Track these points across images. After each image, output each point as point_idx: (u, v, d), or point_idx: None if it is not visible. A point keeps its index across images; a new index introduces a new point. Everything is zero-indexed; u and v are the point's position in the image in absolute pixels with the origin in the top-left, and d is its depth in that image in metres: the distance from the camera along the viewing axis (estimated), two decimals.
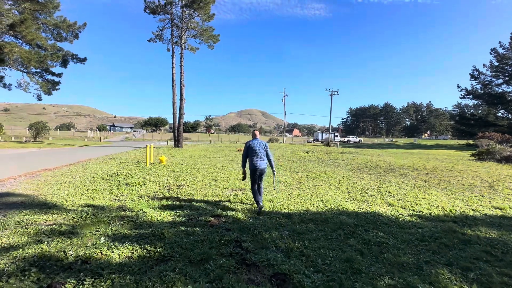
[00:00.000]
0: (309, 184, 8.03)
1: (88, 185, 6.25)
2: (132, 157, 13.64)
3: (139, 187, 6.36)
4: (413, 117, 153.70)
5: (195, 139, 56.75)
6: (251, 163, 5.01)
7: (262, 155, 5.04)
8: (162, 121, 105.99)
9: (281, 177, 9.45)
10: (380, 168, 12.80)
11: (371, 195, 6.71)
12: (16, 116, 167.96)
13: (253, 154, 5.00)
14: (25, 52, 18.14)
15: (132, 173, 8.12)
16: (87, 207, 4.58)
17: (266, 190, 6.72)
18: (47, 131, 30.21)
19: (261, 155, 5.04)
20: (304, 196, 6.26)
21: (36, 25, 19.82)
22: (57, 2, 21.00)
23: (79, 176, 7.41)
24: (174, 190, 6.23)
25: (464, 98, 51.15)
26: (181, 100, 24.18)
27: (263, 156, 5.06)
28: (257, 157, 4.99)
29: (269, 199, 5.75)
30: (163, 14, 24.74)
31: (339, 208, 5.24)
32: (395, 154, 21.76)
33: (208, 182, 7.67)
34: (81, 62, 25.41)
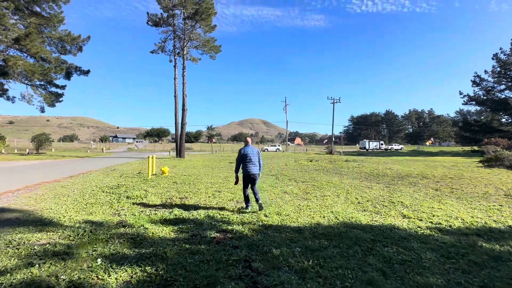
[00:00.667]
0: (316, 195, 7.72)
1: (88, 198, 6.00)
2: (133, 168, 13.41)
3: (140, 200, 6.10)
4: (415, 124, 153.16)
5: (197, 149, 56.61)
6: (244, 169, 5.34)
7: (255, 161, 5.39)
8: (165, 131, 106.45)
9: (287, 187, 9.15)
10: (387, 177, 12.45)
11: (383, 206, 6.38)
12: (21, 129, 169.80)
13: (247, 161, 5.33)
14: (29, 65, 18.32)
15: (134, 185, 7.87)
16: (85, 223, 4.32)
17: (273, 202, 6.43)
18: (49, 143, 30.21)
19: (255, 161, 5.38)
20: (313, 208, 5.95)
21: (41, 39, 20.10)
22: (61, 16, 21.39)
23: (78, 189, 7.17)
24: (176, 203, 5.96)
25: (466, 105, 50.87)
26: (183, 110, 24.15)
27: (256, 162, 5.40)
28: (251, 163, 5.33)
29: (277, 212, 5.45)
30: (165, 26, 25.08)
31: (351, 221, 4.93)
32: (400, 162, 21.38)
33: (212, 193, 7.39)
34: (85, 74, 25.68)
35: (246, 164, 5.32)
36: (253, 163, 5.36)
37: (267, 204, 6.28)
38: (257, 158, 5.42)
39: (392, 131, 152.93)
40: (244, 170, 5.36)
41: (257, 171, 5.39)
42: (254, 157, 5.39)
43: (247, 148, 5.43)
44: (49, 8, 20.84)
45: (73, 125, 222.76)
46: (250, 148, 5.46)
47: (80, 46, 23.75)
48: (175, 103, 24.68)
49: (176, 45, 25.15)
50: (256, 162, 5.40)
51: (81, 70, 25.07)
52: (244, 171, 5.35)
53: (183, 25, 24.47)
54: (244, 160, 5.35)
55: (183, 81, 24.24)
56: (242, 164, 5.38)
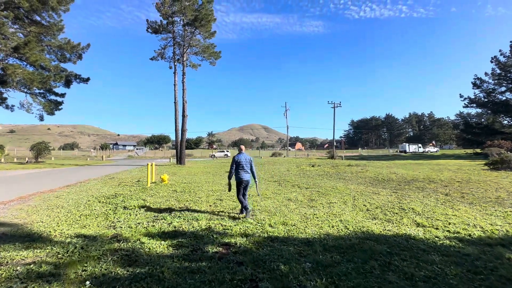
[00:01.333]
0: (322, 202, 7.39)
1: (82, 210, 5.69)
2: (133, 176, 13.11)
3: (138, 211, 5.78)
4: (416, 128, 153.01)
5: (198, 155, 56.32)
6: (237, 176, 5.54)
7: (247, 169, 5.59)
8: (165, 138, 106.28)
9: (291, 194, 8.82)
10: (393, 181, 12.12)
11: (393, 213, 6.05)
12: (22, 137, 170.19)
13: (239, 168, 5.53)
14: (28, 74, 18.20)
15: (132, 195, 7.56)
16: (77, 237, 4.01)
17: (277, 211, 6.11)
18: (48, 151, 29.95)
19: (247, 168, 5.58)
20: (320, 217, 5.62)
21: (40, 47, 20.05)
22: (61, 24, 21.41)
23: (74, 199, 6.86)
24: (176, 214, 5.64)
25: (467, 107, 50.67)
26: (184, 116, 23.96)
27: (248, 169, 5.60)
28: (243, 171, 5.53)
29: (283, 221, 5.13)
30: (165, 33, 25.12)
31: (363, 231, 4.61)
32: (404, 166, 21.03)
33: (213, 202, 7.08)
34: (84, 82, 25.56)
35: (238, 171, 5.53)
36: (245, 171, 5.56)
37: (271, 213, 5.96)
38: (249, 166, 5.62)
39: (392, 135, 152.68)
40: (236, 177, 5.56)
41: (248, 178, 5.58)
42: (247, 165, 5.59)
43: (241, 156, 5.62)
44: (49, 17, 20.86)
45: (74, 133, 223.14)
46: (244, 155, 5.65)
47: (79, 54, 23.70)
48: (175, 110, 24.51)
49: (175, 51, 25.14)
50: (248, 170, 5.61)
51: (81, 78, 24.95)
52: (237, 178, 5.55)
53: (182, 32, 24.49)
54: (237, 167, 5.56)
55: (183, 87, 24.13)
56: (235, 171, 5.58)
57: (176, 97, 24.48)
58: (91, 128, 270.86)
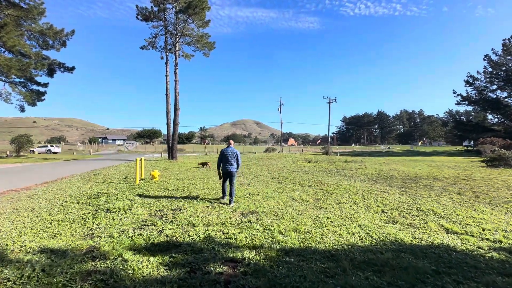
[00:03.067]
0: (331, 202, 6.71)
1: (55, 213, 4.79)
2: (120, 172, 12.12)
3: (123, 214, 4.93)
4: (406, 125, 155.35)
5: (190, 150, 55.06)
6: (223, 167, 6.18)
7: (232, 161, 6.14)
8: (156, 132, 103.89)
9: (293, 192, 8.11)
10: (397, 179, 11.60)
11: (413, 216, 5.42)
12: (5, 130, 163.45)
13: (224, 160, 6.15)
14: (5, 60, 16.72)
15: (117, 194, 6.66)
16: (41, 253, 3.14)
17: (284, 214, 5.38)
18: (31, 144, 28.26)
19: (232, 161, 6.13)
20: (335, 221, 4.92)
21: (19, 32, 18.50)
22: (42, 8, 19.78)
23: (48, 199, 5.92)
24: (168, 217, 4.82)
25: (460, 104, 51.20)
26: (176, 109, 22.85)
27: (233, 162, 6.15)
28: (228, 163, 6.11)
29: (294, 227, 4.39)
30: (156, 21, 23.74)
31: (390, 239, 3.93)
32: (401, 162, 20.72)
33: (210, 202, 6.28)
34: (69, 71, 24.03)
35: (224, 163, 6.14)
36: (230, 163, 6.11)
37: (278, 216, 5.22)
38: (234, 159, 6.18)
39: (384, 131, 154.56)
40: (222, 167, 6.20)
41: (233, 170, 6.15)
42: (232, 158, 6.14)
43: (227, 149, 6.23)
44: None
45: (61, 126, 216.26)
46: (230, 149, 6.24)
47: (63, 41, 22.13)
48: (166, 102, 23.36)
49: (167, 41, 23.84)
50: (234, 162, 6.16)
51: (65, 67, 23.40)
52: (222, 168, 6.19)
53: (175, 20, 23.21)
54: (223, 159, 6.17)
55: (175, 79, 22.95)
56: (222, 162, 6.19)
57: (168, 89, 23.32)
58: (79, 121, 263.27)
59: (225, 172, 6.16)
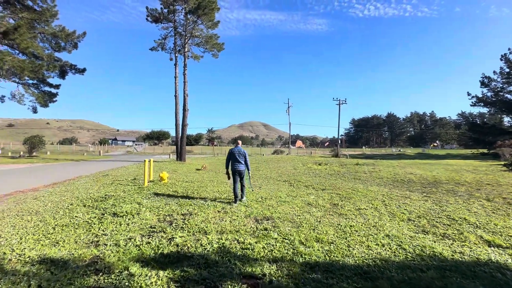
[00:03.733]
0: (350, 208, 6.26)
1: (60, 217, 4.53)
2: (129, 174, 11.95)
3: (131, 219, 4.63)
4: (417, 127, 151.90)
5: (198, 151, 55.14)
6: (232, 167, 6.24)
7: (241, 160, 6.20)
8: (164, 134, 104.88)
9: (308, 197, 7.68)
10: (415, 183, 11.00)
11: (444, 225, 4.93)
12: (20, 131, 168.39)
13: (233, 159, 6.23)
14: (18, 61, 16.93)
15: (125, 196, 6.40)
16: (40, 263, 2.85)
17: (302, 221, 4.97)
18: (43, 145, 28.65)
19: (240, 160, 6.20)
20: (359, 229, 4.48)
21: (33, 34, 18.75)
22: (55, 10, 20.06)
23: (54, 202, 5.70)
24: (178, 223, 4.49)
25: (475, 106, 49.52)
26: (184, 110, 22.72)
27: (241, 161, 6.21)
28: (237, 162, 6.20)
29: (316, 237, 3.98)
30: (165, 22, 23.77)
31: (427, 253, 3.47)
32: (415, 165, 19.94)
33: (222, 207, 5.93)
34: (80, 73, 24.28)
35: (233, 162, 6.24)
36: (239, 161, 6.20)
37: (296, 223, 4.82)
38: (242, 157, 6.23)
39: (394, 134, 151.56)
40: (231, 167, 6.27)
41: (242, 168, 6.22)
42: (240, 156, 6.21)
43: (235, 149, 6.31)
44: (42, 1, 19.51)
45: (73, 128, 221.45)
46: (238, 148, 6.31)
47: (75, 43, 22.38)
48: (175, 103, 23.28)
49: (177, 42, 23.83)
50: (242, 161, 6.23)
51: (77, 69, 23.65)
52: (232, 168, 6.26)
53: (184, 21, 23.18)
54: (232, 158, 6.26)
55: (184, 80, 22.86)
56: (231, 162, 6.29)
57: (177, 90, 23.24)
58: (90, 123, 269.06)
59: (234, 171, 6.26)
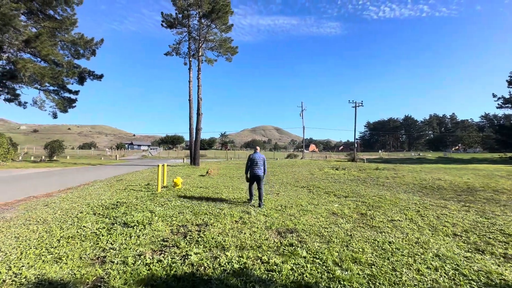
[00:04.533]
0: (381, 219, 5.59)
1: (68, 227, 4.20)
2: (143, 178, 11.75)
3: (141, 229, 4.24)
4: (437, 130, 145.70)
5: (211, 156, 55.27)
6: (251, 171, 6.50)
7: (260, 166, 6.50)
8: (179, 138, 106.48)
9: (331, 205, 7.05)
10: (447, 190, 10.06)
11: (501, 242, 4.18)
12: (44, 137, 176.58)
13: (253, 164, 6.48)
14: (39, 68, 17.43)
15: (137, 203, 6.06)
16: (37, 286, 2.47)
17: (331, 235, 4.39)
18: (62, 150, 29.52)
19: (260, 165, 6.50)
20: (400, 247, 3.84)
21: (53, 42, 19.33)
22: (74, 18, 20.65)
23: (63, 209, 5.43)
24: (193, 236, 4.04)
25: (502, 108, 46.79)
26: (198, 114, 22.62)
27: (261, 166, 6.51)
28: (256, 167, 6.47)
29: (351, 257, 3.39)
30: (180, 27, 23.95)
31: (495, 281, 2.81)
32: (440, 170, 18.64)
33: (239, 216, 5.45)
34: (98, 78, 24.85)
35: (253, 167, 6.50)
36: (258, 167, 6.50)
37: (324, 237, 4.25)
38: (262, 163, 6.55)
39: (411, 137, 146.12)
40: (251, 171, 6.53)
41: (261, 173, 6.52)
42: (260, 162, 6.54)
43: (255, 154, 6.62)
44: (62, 11, 20.16)
45: (93, 133, 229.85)
46: (258, 154, 6.63)
47: (93, 50, 22.94)
48: (189, 108, 23.25)
49: (191, 47, 23.94)
50: (261, 166, 6.53)
51: (94, 75, 24.23)
52: (251, 172, 6.53)
53: (198, 26, 23.26)
54: (251, 163, 6.54)
55: (198, 84, 22.82)
56: (250, 167, 6.55)
57: (191, 94, 23.22)
58: (108, 128, 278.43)
59: (253, 176, 6.51)
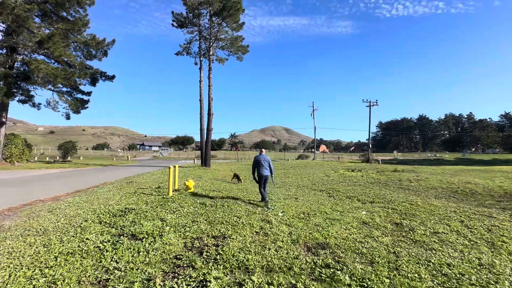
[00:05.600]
0: (422, 231, 4.85)
1: (68, 240, 3.70)
2: (153, 180, 11.34)
3: (151, 242, 3.69)
4: (453, 130, 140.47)
5: (221, 156, 55.01)
6: (258, 172, 6.96)
7: (266, 167, 6.92)
8: (189, 139, 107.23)
9: (357, 212, 6.32)
10: (483, 196, 9.11)
11: None
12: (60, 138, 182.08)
13: (260, 166, 6.93)
14: (52, 69, 17.45)
15: (147, 210, 5.55)
16: None
17: (376, 252, 3.71)
18: (75, 150, 29.82)
19: (266, 166, 6.92)
20: (464, 271, 3.13)
21: (66, 43, 19.39)
22: (86, 19, 20.69)
23: (68, 216, 4.97)
24: (210, 252, 3.45)
25: None
26: (209, 114, 22.21)
27: (267, 167, 6.92)
28: (263, 168, 6.91)
29: (410, 286, 2.71)
30: (191, 26, 23.64)
31: None
32: (465, 172, 17.43)
33: (259, 226, 4.84)
34: (110, 79, 24.92)
35: (259, 168, 6.89)
36: (265, 167, 6.88)
37: (364, 256, 3.57)
38: (267, 164, 6.91)
39: (426, 138, 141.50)
40: (258, 173, 6.94)
41: (268, 173, 6.90)
42: (265, 163, 6.89)
43: (260, 156, 7.00)
44: (74, 12, 20.22)
45: (106, 134, 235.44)
46: (263, 156, 7.01)
47: (105, 51, 22.98)
48: (200, 108, 22.88)
49: (201, 46, 23.57)
50: (267, 167, 6.91)
51: (106, 76, 24.30)
52: (258, 174, 6.93)
53: (209, 25, 22.88)
54: (258, 165, 6.93)
55: (209, 84, 22.42)
56: (257, 168, 6.95)
57: (202, 94, 22.86)
58: (121, 129, 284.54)
59: (260, 177, 6.91)
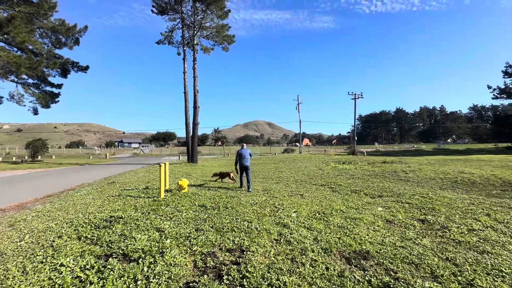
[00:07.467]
0: (456, 228, 4.33)
1: (34, 270, 2.69)
2: (139, 180, 10.18)
3: (152, 266, 2.80)
4: (427, 122, 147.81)
5: (206, 152, 53.48)
6: (240, 163, 8.39)
7: (247, 158, 8.37)
8: (170, 135, 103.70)
9: (373, 208, 5.74)
10: (486, 186, 8.96)
11: None
12: (29, 136, 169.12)
13: (242, 158, 8.37)
14: (14, 57, 15.37)
15: (138, 217, 4.58)
16: None
17: (431, 262, 3.07)
18: (46, 149, 27.22)
19: (247, 158, 8.37)
20: None
21: (30, 28, 17.18)
22: (53, 2, 18.45)
23: (35, 231, 3.88)
24: (232, 275, 2.63)
25: (497, 98, 46.81)
26: (195, 107, 20.94)
27: (248, 159, 8.37)
28: (244, 159, 8.33)
29: None
30: (172, 13, 22.01)
31: None
32: (450, 162, 17.71)
33: (277, 231, 4.07)
34: (83, 70, 22.73)
35: (241, 160, 8.35)
36: (246, 159, 8.34)
37: (422, 268, 2.92)
38: (248, 156, 8.41)
39: (403, 130, 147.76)
40: (240, 163, 8.40)
41: (248, 164, 8.30)
42: (247, 155, 8.39)
43: (242, 150, 8.50)
44: None
45: (80, 131, 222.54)
46: (244, 149, 8.53)
47: (76, 38, 20.79)
48: (185, 101, 21.50)
49: (185, 35, 22.06)
50: (248, 159, 8.37)
51: (79, 66, 22.09)
52: (240, 164, 8.39)
53: (192, 12, 21.40)
54: (240, 157, 8.38)
55: (194, 75, 21.06)
56: (239, 160, 8.40)
57: (186, 86, 21.45)
58: (96, 126, 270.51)
59: (242, 167, 8.32)
